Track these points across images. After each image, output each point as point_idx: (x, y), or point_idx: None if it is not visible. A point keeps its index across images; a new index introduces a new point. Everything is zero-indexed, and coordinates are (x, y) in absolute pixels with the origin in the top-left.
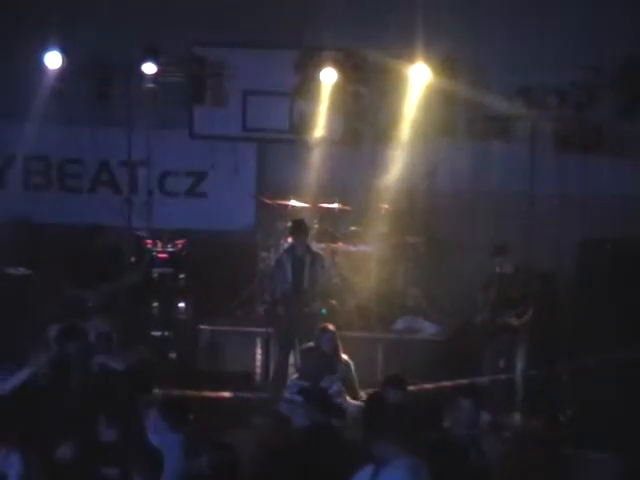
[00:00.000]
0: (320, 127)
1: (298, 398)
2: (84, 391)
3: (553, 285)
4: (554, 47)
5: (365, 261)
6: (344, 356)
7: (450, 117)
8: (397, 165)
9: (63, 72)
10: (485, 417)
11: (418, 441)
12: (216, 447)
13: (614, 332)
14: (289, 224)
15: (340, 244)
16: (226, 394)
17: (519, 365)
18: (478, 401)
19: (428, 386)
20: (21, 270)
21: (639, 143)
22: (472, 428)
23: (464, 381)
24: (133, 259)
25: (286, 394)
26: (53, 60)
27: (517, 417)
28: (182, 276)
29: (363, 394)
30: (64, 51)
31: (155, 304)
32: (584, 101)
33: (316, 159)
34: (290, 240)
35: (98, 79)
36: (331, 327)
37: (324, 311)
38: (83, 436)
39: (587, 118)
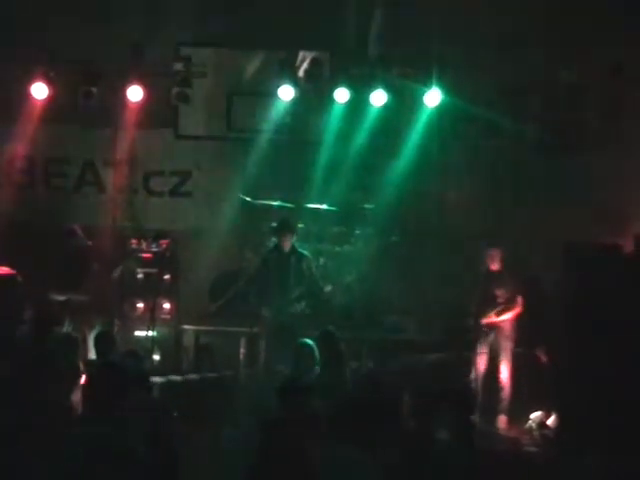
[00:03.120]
0: (305, 127)
1: None
2: None
3: (539, 286)
4: (539, 48)
5: (350, 261)
6: None
7: (435, 118)
8: (382, 165)
9: (48, 72)
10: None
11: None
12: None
13: (599, 335)
14: (274, 224)
15: (325, 244)
16: (210, 393)
17: (503, 366)
18: (459, 403)
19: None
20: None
21: (624, 144)
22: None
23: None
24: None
25: None
26: (38, 59)
27: (503, 419)
28: (167, 276)
29: None
30: (50, 50)
31: (139, 304)
32: (569, 102)
33: (301, 159)
34: (275, 239)
35: (83, 78)
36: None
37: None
38: None
39: (572, 119)
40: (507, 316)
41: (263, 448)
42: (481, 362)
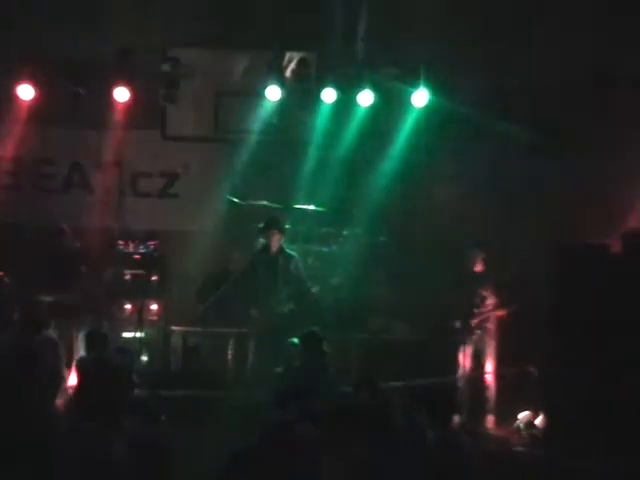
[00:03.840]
0: (292, 128)
1: None
2: None
3: (525, 286)
4: (526, 50)
5: (338, 262)
6: None
7: (423, 119)
8: (369, 166)
9: (35, 73)
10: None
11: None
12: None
13: (587, 334)
14: (262, 224)
15: (313, 245)
16: (198, 395)
17: (489, 366)
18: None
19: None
20: None
21: (612, 145)
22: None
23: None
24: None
25: None
26: (25, 60)
27: (490, 419)
28: (154, 277)
29: None
30: (36, 51)
31: (127, 306)
32: (557, 104)
33: (288, 160)
34: (263, 240)
35: (70, 79)
36: None
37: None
38: None
39: (560, 121)
40: (484, 317)
41: (260, 449)
42: (467, 361)
